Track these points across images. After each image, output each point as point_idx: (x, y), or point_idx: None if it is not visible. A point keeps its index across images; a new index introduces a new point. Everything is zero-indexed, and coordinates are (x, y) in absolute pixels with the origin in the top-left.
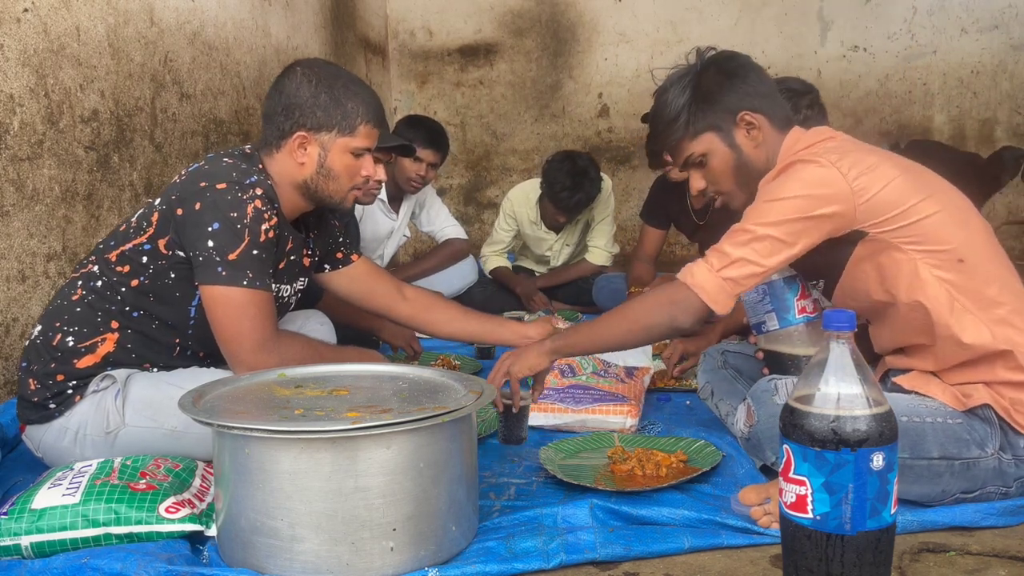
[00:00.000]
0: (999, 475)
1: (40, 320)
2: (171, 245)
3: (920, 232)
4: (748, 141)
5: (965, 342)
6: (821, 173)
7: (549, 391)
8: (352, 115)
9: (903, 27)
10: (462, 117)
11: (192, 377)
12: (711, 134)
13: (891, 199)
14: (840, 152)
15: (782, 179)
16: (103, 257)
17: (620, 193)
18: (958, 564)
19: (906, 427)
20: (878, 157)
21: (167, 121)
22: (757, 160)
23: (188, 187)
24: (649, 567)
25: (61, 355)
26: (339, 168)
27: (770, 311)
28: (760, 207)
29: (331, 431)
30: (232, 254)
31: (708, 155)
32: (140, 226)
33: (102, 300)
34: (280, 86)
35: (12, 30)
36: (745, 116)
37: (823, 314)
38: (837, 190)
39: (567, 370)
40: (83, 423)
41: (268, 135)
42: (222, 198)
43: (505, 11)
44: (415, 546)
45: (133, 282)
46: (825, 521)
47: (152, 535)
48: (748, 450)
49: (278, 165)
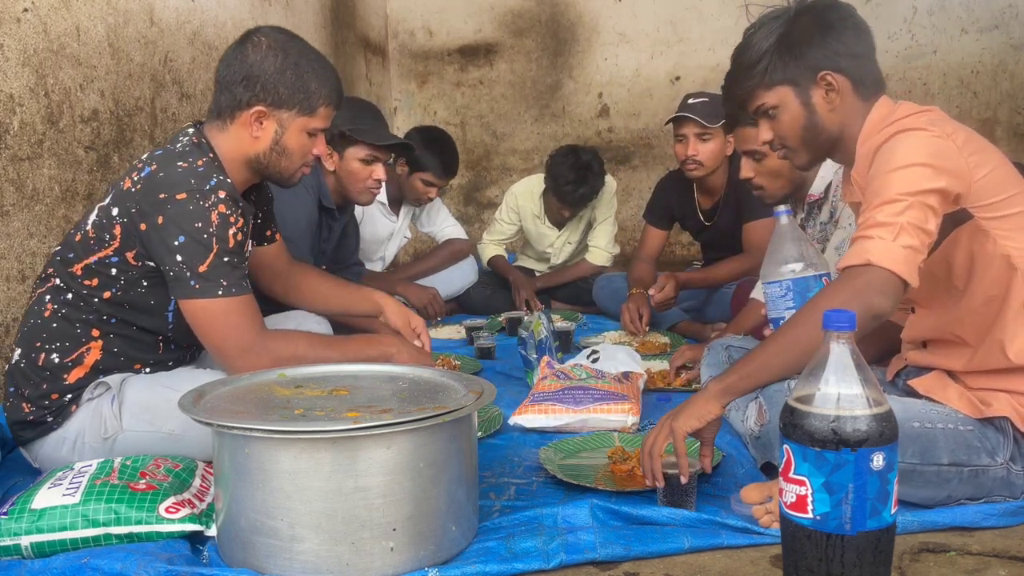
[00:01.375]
0: (1007, 485)
1: (17, 343)
2: (139, 257)
3: (1014, 225)
4: (824, 103)
5: (1008, 353)
6: (939, 143)
7: (547, 393)
8: (315, 96)
9: (903, 27)
10: (462, 117)
11: (188, 378)
12: (787, 87)
13: (996, 183)
14: (951, 124)
15: (895, 147)
16: (67, 271)
17: (620, 193)
18: (958, 564)
19: (918, 433)
20: (981, 139)
21: (167, 121)
22: (830, 124)
23: (148, 199)
24: (649, 567)
25: (50, 373)
26: (294, 147)
27: (791, 307)
28: (889, 178)
29: (331, 431)
30: (202, 266)
31: (779, 108)
32: (101, 238)
33: (77, 312)
34: (242, 53)
35: (12, 30)
36: (827, 76)
37: (825, 315)
38: (956, 164)
39: (561, 376)
40: (80, 431)
41: (221, 103)
42: (184, 209)
43: (505, 11)
44: (415, 546)
45: (105, 294)
46: (825, 521)
47: (152, 535)
48: (757, 449)
49: (230, 139)
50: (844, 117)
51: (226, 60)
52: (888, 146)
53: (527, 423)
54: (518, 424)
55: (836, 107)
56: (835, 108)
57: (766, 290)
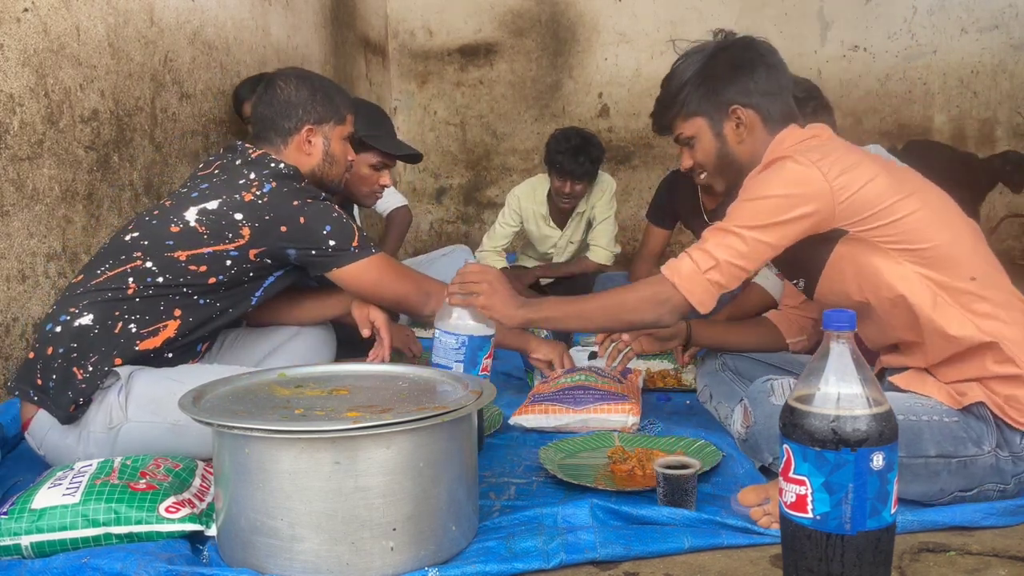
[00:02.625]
0: (997, 472)
1: (87, 308)
2: (263, 255)
3: (899, 230)
4: (734, 135)
5: (951, 334)
6: (801, 171)
7: (547, 394)
8: (341, 107)
9: (903, 27)
10: (462, 117)
11: (194, 373)
12: (701, 119)
13: (870, 198)
14: (822, 151)
15: (764, 176)
16: (165, 256)
17: (620, 193)
18: (958, 564)
19: (902, 426)
20: (859, 156)
21: (167, 121)
22: (740, 155)
23: (283, 207)
24: (649, 567)
25: (123, 341)
26: (339, 153)
27: (460, 361)
28: (742, 206)
29: (331, 431)
30: (354, 240)
31: (695, 138)
32: (220, 235)
33: (167, 292)
34: (272, 94)
35: (12, 30)
36: (737, 111)
37: (825, 315)
38: (817, 189)
39: (562, 376)
40: (87, 420)
41: (271, 138)
42: (318, 208)
43: (505, 11)
44: (415, 546)
45: (210, 280)
46: (825, 521)
47: (152, 535)
48: (746, 451)
49: (290, 160)
50: (753, 148)
51: (263, 101)
52: (756, 176)
53: (527, 423)
54: (519, 424)
55: (744, 139)
56: (743, 140)
57: (440, 337)
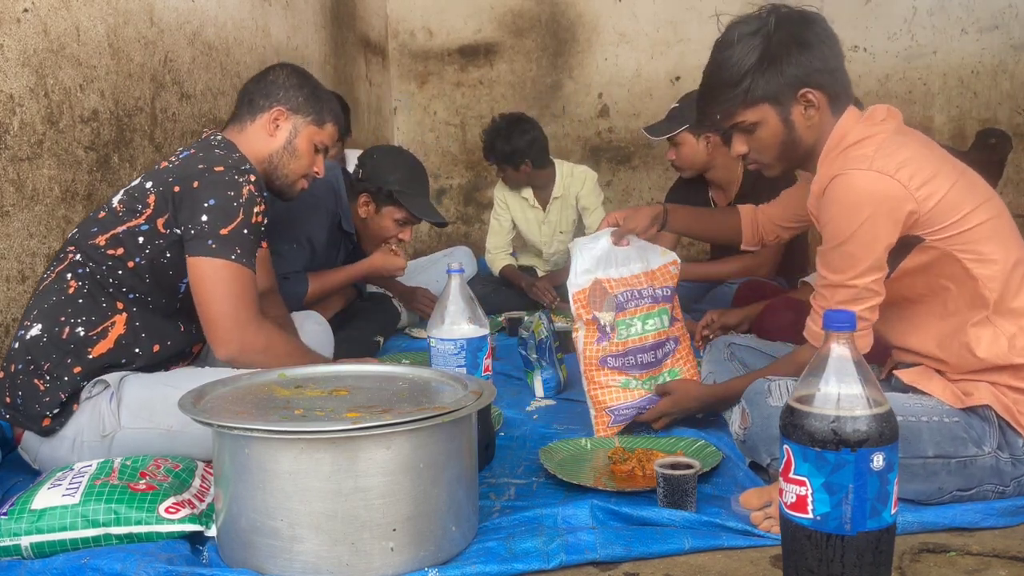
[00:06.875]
0: (996, 473)
1: (35, 319)
2: (169, 224)
3: (972, 239)
4: (803, 119)
5: (979, 356)
6: (882, 187)
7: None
8: (325, 112)
9: (903, 27)
10: (462, 117)
11: (187, 377)
12: (768, 105)
13: (951, 206)
14: (894, 157)
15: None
16: (88, 244)
17: (620, 193)
18: (958, 564)
19: (900, 426)
20: (934, 162)
21: (167, 121)
22: (806, 140)
23: (185, 168)
24: (649, 567)
25: (74, 347)
26: (303, 150)
27: (461, 365)
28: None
29: (331, 431)
30: (224, 229)
31: (759, 125)
32: (132, 209)
33: (101, 286)
34: (263, 75)
35: (12, 30)
36: (807, 94)
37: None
38: (902, 204)
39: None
40: (79, 430)
41: (242, 113)
42: (219, 179)
43: (505, 11)
44: (415, 546)
45: (129, 263)
46: (825, 521)
47: (152, 535)
48: (744, 452)
49: (248, 139)
50: (820, 131)
51: (253, 79)
52: (832, 195)
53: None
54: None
55: (814, 123)
56: (813, 124)
57: (437, 345)
